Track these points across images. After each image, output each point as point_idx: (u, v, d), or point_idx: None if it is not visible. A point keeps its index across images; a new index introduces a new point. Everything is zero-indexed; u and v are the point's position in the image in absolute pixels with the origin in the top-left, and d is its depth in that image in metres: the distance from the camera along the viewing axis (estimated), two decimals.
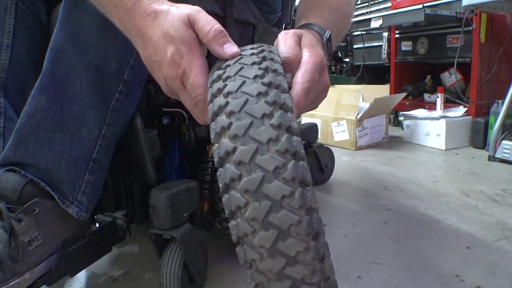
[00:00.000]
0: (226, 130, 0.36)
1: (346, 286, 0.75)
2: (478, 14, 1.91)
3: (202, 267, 0.74)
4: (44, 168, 0.56)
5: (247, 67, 0.40)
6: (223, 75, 0.40)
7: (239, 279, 0.78)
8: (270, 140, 0.35)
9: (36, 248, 0.55)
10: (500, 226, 1.00)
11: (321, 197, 1.25)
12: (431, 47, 2.22)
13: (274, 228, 0.33)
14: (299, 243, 0.33)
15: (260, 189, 0.34)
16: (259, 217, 0.34)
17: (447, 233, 0.96)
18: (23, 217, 0.55)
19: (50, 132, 0.56)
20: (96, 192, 0.62)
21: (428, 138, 1.98)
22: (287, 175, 0.34)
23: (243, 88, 0.37)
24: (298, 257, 0.34)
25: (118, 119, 0.60)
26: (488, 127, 1.84)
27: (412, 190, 1.30)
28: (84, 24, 0.55)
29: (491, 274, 0.78)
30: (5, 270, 0.52)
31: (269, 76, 0.39)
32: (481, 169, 1.55)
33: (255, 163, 0.34)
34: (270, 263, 0.34)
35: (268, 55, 0.42)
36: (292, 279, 0.34)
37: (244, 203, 0.34)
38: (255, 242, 0.34)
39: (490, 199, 1.20)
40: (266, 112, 0.36)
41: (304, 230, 0.33)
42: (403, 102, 2.32)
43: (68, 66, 0.56)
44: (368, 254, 0.87)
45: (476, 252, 0.86)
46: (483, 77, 1.97)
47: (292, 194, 0.34)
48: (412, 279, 0.77)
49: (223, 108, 0.37)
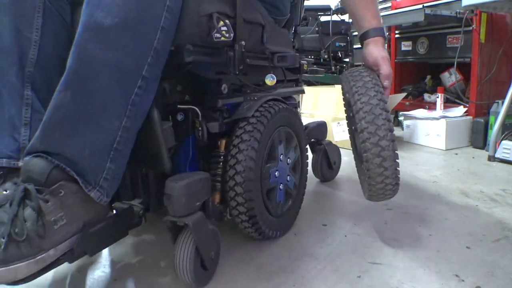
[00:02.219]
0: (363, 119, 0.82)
1: (346, 286, 0.75)
2: (478, 14, 1.91)
3: (214, 254, 0.78)
4: (68, 156, 0.61)
5: (367, 82, 0.84)
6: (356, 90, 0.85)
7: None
8: (379, 114, 0.80)
9: (61, 227, 0.60)
10: (500, 226, 1.00)
11: (321, 196, 1.25)
12: (431, 47, 2.22)
13: (379, 147, 0.80)
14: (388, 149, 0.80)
15: (376, 132, 0.80)
16: (374, 141, 0.80)
17: (447, 233, 0.96)
18: (49, 198, 0.60)
19: (74, 124, 0.61)
20: (117, 178, 0.66)
21: (428, 138, 1.98)
22: (387, 127, 0.80)
23: (367, 92, 0.83)
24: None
25: (137, 112, 0.65)
26: (488, 127, 1.84)
27: (412, 190, 1.30)
28: (104, 25, 0.59)
29: (491, 274, 0.78)
30: (32, 245, 0.57)
31: (380, 94, 0.82)
32: (481, 169, 1.55)
33: (373, 122, 0.80)
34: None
35: (371, 77, 0.86)
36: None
37: (368, 137, 0.81)
38: (372, 151, 0.81)
39: (490, 199, 1.20)
40: (381, 113, 0.81)
41: (391, 148, 0.80)
42: (403, 102, 2.32)
43: (90, 64, 0.60)
44: (368, 254, 0.87)
45: (476, 252, 0.87)
46: (483, 77, 1.97)
47: (388, 135, 0.80)
48: (412, 279, 0.77)
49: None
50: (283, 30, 1.08)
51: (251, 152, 0.81)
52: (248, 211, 0.83)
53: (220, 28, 0.72)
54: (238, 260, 0.85)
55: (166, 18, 0.63)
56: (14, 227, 0.56)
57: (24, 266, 0.56)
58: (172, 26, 0.66)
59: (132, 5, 0.60)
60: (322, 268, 0.81)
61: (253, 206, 0.83)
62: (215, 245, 0.79)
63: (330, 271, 0.80)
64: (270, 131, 0.88)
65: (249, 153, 0.81)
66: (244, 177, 0.81)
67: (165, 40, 0.65)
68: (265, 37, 0.91)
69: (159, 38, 0.63)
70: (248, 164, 0.81)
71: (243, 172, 0.80)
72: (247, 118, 0.85)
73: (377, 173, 0.82)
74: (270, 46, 0.94)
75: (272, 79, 0.94)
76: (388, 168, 0.81)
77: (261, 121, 0.86)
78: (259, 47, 0.92)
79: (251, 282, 0.77)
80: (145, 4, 0.61)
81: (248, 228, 0.87)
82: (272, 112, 0.89)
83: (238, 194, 0.82)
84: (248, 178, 0.81)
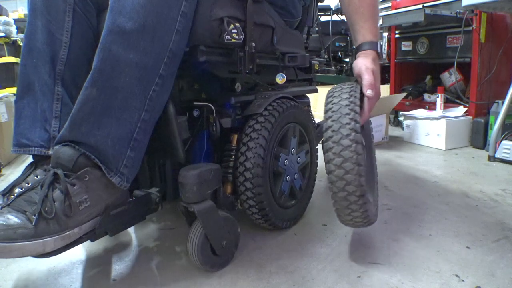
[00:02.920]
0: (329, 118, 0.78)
1: (346, 286, 0.75)
2: (478, 14, 1.91)
3: (226, 243, 0.81)
4: (93, 145, 0.69)
5: (344, 93, 0.80)
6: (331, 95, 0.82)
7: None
8: (347, 123, 0.75)
9: (85, 208, 0.68)
10: (500, 226, 1.00)
11: (321, 196, 1.25)
12: (431, 47, 2.22)
13: (340, 157, 0.74)
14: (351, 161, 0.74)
15: (340, 142, 0.74)
16: (336, 152, 0.74)
17: (447, 233, 0.97)
18: (76, 182, 0.68)
19: (99, 117, 0.68)
20: (136, 166, 0.74)
21: (428, 138, 1.98)
22: (352, 138, 0.74)
23: (341, 102, 0.79)
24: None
25: (154, 106, 0.72)
26: (488, 127, 1.84)
27: (412, 190, 1.30)
28: (126, 29, 0.66)
29: (491, 274, 0.78)
30: (60, 223, 0.65)
31: (353, 98, 0.79)
32: (481, 169, 1.55)
33: (339, 131, 0.75)
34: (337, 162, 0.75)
35: (352, 87, 0.82)
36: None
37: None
38: (334, 162, 0.75)
39: (490, 199, 1.20)
40: (349, 112, 0.76)
41: (355, 160, 0.74)
42: (403, 102, 2.32)
43: (114, 64, 0.68)
44: (368, 254, 0.87)
45: (476, 252, 0.87)
46: (483, 77, 1.97)
47: (352, 145, 0.73)
48: (412, 279, 0.77)
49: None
50: (295, 31, 1.12)
51: (260, 150, 0.87)
52: (257, 204, 0.89)
53: (231, 30, 0.78)
54: (238, 260, 0.85)
55: (180, 22, 0.70)
56: (44, 206, 0.64)
57: (51, 241, 0.64)
58: (186, 29, 0.73)
59: (150, 11, 0.67)
60: (322, 268, 0.81)
61: (262, 199, 0.88)
62: (227, 234, 0.82)
63: (330, 271, 0.80)
64: (279, 127, 0.93)
65: (257, 150, 0.87)
66: (253, 173, 0.86)
67: (180, 41, 0.72)
68: (275, 39, 0.96)
69: (174, 40, 0.70)
70: (256, 161, 0.86)
71: (252, 169, 0.86)
72: (257, 115, 0.91)
73: (342, 198, 0.77)
74: (281, 47, 0.99)
75: (282, 78, 1.00)
76: (352, 194, 0.76)
77: (269, 120, 0.90)
78: (269, 47, 0.97)
79: (251, 282, 0.77)
80: (162, 10, 0.68)
81: (259, 220, 0.93)
82: (280, 110, 0.94)
83: (248, 189, 0.88)
84: (257, 174, 0.86)
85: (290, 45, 1.05)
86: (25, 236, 0.62)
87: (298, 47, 1.10)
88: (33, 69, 0.79)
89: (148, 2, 0.66)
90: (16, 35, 2.51)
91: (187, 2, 0.71)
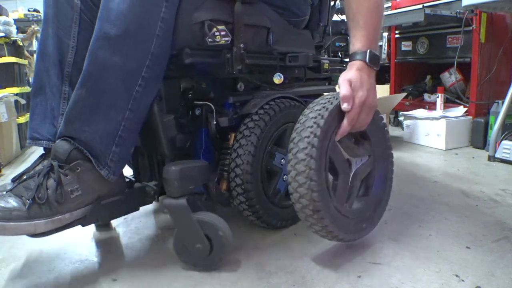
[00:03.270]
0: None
1: (346, 286, 0.75)
2: (478, 14, 1.91)
3: (201, 246, 0.79)
4: (84, 140, 0.76)
5: (317, 105, 0.79)
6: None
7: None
8: (306, 136, 0.75)
9: (76, 197, 0.76)
10: (500, 226, 1.00)
11: None
12: (431, 47, 2.22)
13: (305, 156, 0.74)
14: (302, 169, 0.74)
15: (296, 155, 0.75)
16: (292, 164, 0.76)
17: (447, 233, 0.96)
18: (68, 173, 0.76)
19: (88, 115, 0.76)
20: (122, 160, 0.80)
21: (428, 138, 1.98)
22: (307, 152, 0.74)
23: (309, 114, 0.78)
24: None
25: (138, 106, 0.78)
26: (488, 127, 1.84)
27: (412, 190, 1.30)
28: (111, 35, 0.73)
29: (491, 274, 0.78)
30: (52, 208, 0.73)
31: (323, 110, 0.77)
32: (481, 169, 1.55)
33: (297, 144, 0.76)
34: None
35: (330, 100, 0.79)
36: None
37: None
38: (290, 174, 0.76)
39: (490, 199, 1.20)
40: (311, 125, 0.75)
41: (306, 174, 0.74)
42: (403, 102, 2.32)
43: (100, 67, 0.74)
44: (368, 254, 0.87)
45: (476, 252, 0.87)
46: (483, 77, 1.97)
47: (306, 160, 0.74)
48: (412, 279, 0.77)
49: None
50: (303, 31, 1.10)
51: (250, 147, 0.89)
52: (247, 201, 0.91)
53: (214, 33, 0.81)
54: (238, 260, 0.85)
55: (161, 27, 0.75)
56: (38, 193, 0.72)
57: (42, 223, 0.72)
58: (167, 33, 0.77)
59: (132, 18, 0.72)
60: (322, 268, 0.81)
61: (251, 196, 0.90)
62: (203, 239, 0.78)
63: (330, 271, 0.80)
64: (274, 127, 0.94)
65: (248, 148, 0.89)
66: (242, 169, 0.89)
67: (162, 45, 0.77)
68: (272, 39, 0.96)
69: (156, 44, 0.75)
70: (246, 158, 0.89)
71: (241, 165, 0.89)
72: (251, 114, 0.92)
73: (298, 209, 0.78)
74: (280, 47, 0.99)
75: (280, 78, 1.00)
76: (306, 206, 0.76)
77: (263, 119, 0.91)
78: (265, 48, 0.97)
79: (251, 282, 0.77)
80: (143, 17, 0.73)
81: (250, 216, 0.94)
82: (276, 109, 0.94)
83: (238, 185, 0.90)
84: (246, 171, 0.89)
85: (293, 44, 1.04)
86: (19, 218, 0.71)
87: (304, 46, 1.09)
88: (45, 72, 0.86)
89: (130, 10, 0.72)
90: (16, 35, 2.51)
91: (166, 8, 0.75)
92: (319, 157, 0.74)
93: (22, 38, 2.74)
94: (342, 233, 0.81)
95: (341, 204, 0.82)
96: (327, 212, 0.77)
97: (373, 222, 0.91)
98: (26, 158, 2.01)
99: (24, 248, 0.96)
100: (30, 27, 3.38)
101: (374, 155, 0.90)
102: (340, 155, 0.83)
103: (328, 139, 0.77)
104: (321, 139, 0.75)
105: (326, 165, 0.78)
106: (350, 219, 0.84)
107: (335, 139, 0.79)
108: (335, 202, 0.80)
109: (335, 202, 0.80)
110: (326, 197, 0.77)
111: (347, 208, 0.84)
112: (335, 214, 0.79)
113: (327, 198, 0.77)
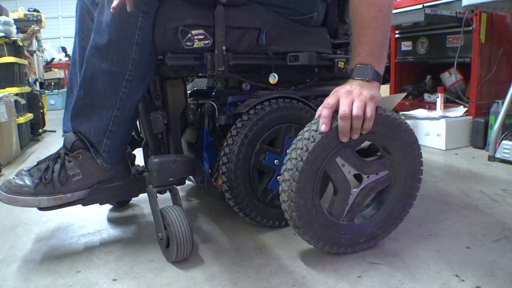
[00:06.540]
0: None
1: (346, 286, 0.75)
2: (478, 14, 1.91)
3: (162, 235, 0.85)
4: (84, 133, 0.91)
5: (315, 124, 0.78)
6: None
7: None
8: (294, 158, 0.77)
9: (77, 180, 0.90)
10: (500, 226, 1.00)
11: None
12: (431, 47, 2.22)
13: (289, 177, 0.77)
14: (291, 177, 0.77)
15: (283, 173, 0.78)
16: (281, 179, 0.79)
17: (447, 233, 0.96)
18: (72, 160, 0.91)
19: (86, 112, 0.90)
20: (113, 151, 0.91)
21: (428, 138, 1.98)
22: (291, 174, 0.77)
23: (305, 133, 0.78)
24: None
25: (125, 105, 0.88)
26: (488, 127, 1.84)
27: None
28: (99, 44, 0.84)
29: (491, 274, 0.78)
30: (55, 188, 0.88)
31: (312, 132, 0.77)
32: (481, 169, 1.55)
33: (287, 162, 0.79)
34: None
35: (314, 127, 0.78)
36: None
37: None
38: (279, 188, 0.80)
39: (490, 199, 1.20)
40: (302, 147, 0.76)
41: (287, 195, 0.78)
42: (403, 102, 2.32)
43: (93, 72, 0.87)
44: (368, 254, 0.87)
45: (476, 252, 0.87)
46: (483, 77, 1.97)
47: (289, 181, 0.77)
48: (412, 279, 0.77)
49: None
50: (312, 29, 1.06)
51: (235, 147, 0.92)
52: (233, 198, 0.95)
53: (190, 38, 0.86)
54: (238, 260, 0.86)
55: (139, 35, 0.83)
56: (45, 174, 0.88)
57: (45, 199, 0.88)
58: (145, 40, 0.84)
59: (114, 29, 0.82)
60: (322, 268, 0.81)
61: (236, 194, 0.94)
62: (163, 229, 0.85)
63: (330, 271, 0.80)
64: (266, 127, 0.95)
65: (233, 147, 0.93)
66: (227, 167, 0.93)
67: (142, 51, 0.85)
68: (264, 39, 0.96)
69: (135, 50, 0.84)
70: (231, 157, 0.93)
71: (226, 164, 0.93)
72: (241, 114, 0.95)
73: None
74: (276, 47, 0.99)
75: (274, 78, 1.01)
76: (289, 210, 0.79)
77: (252, 119, 0.93)
78: (256, 48, 0.97)
79: (251, 282, 0.77)
80: (122, 27, 0.82)
81: (239, 213, 0.98)
82: (268, 110, 0.95)
83: (224, 182, 0.95)
84: (230, 169, 0.93)
85: (296, 44, 1.02)
86: (27, 193, 0.87)
87: (312, 45, 1.05)
88: (74, 76, 1.04)
89: (112, 21, 0.82)
90: (16, 35, 2.51)
91: (143, 18, 0.82)
92: (303, 179, 0.76)
93: (22, 38, 2.74)
94: (328, 246, 0.83)
95: (337, 219, 0.83)
96: (309, 228, 0.80)
97: (374, 239, 0.88)
98: (26, 158, 2.01)
99: (24, 248, 0.96)
100: (30, 27, 3.38)
101: (395, 171, 0.87)
102: (340, 174, 0.81)
103: (321, 161, 0.76)
104: (310, 162, 0.75)
105: (316, 186, 0.78)
106: (343, 234, 0.84)
107: (336, 157, 0.78)
108: (324, 219, 0.80)
109: (324, 219, 0.80)
110: (309, 215, 0.79)
111: (344, 222, 0.84)
112: (322, 229, 0.81)
113: (311, 216, 0.79)
